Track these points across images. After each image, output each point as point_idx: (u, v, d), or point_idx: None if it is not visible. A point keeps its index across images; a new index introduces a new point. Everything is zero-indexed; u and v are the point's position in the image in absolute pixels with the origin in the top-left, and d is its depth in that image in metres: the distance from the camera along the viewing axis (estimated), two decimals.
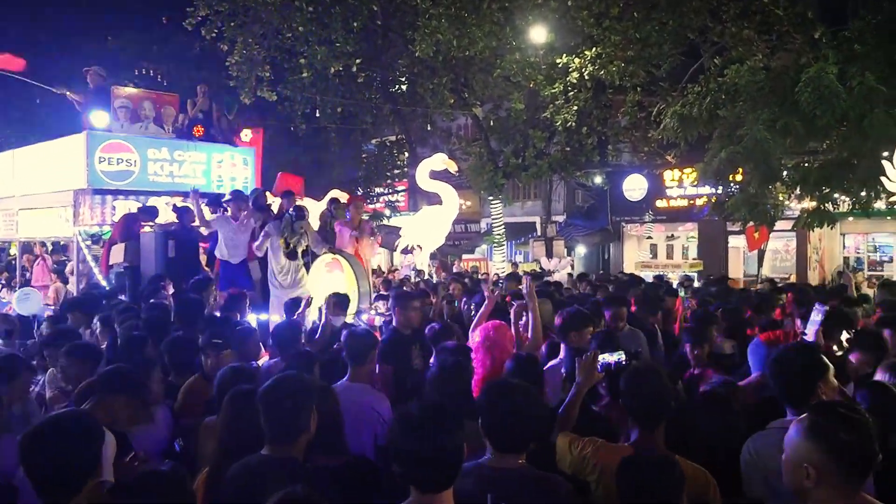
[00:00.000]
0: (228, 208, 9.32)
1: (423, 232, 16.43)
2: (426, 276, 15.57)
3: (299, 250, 8.61)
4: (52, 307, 9.94)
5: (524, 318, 5.18)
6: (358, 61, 17.40)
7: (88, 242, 10.41)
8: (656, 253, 23.52)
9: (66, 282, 11.61)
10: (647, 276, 14.57)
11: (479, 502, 2.36)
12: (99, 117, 10.33)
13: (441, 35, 15.20)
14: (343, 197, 11.50)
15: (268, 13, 16.85)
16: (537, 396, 2.67)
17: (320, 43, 16.45)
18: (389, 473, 2.29)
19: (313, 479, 2.61)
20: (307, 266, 8.82)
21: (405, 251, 17.11)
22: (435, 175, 16.02)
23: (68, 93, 11.16)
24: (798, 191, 11.99)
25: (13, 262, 12.88)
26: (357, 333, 4.45)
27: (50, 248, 12.69)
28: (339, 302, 6.23)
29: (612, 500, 2.59)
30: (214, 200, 9.84)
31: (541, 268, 18.19)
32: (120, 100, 10.88)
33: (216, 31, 16.80)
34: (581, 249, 23.92)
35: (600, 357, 3.42)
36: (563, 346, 4.66)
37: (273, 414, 2.73)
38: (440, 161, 15.74)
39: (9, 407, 4.00)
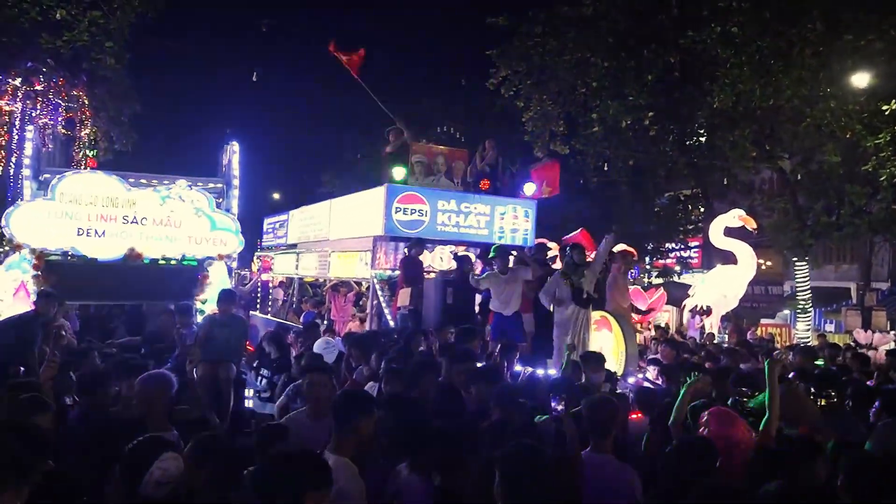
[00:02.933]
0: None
1: (714, 293, 15.43)
2: (716, 340, 14.46)
3: (585, 288, 8.21)
4: None
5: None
6: (650, 114, 17.00)
7: (383, 285, 11.39)
8: None
9: (362, 320, 12.78)
10: None
11: None
12: (398, 171, 11.32)
13: (743, 85, 14.33)
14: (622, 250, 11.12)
15: (564, 70, 17.36)
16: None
17: (612, 97, 16.41)
18: None
19: None
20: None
21: (693, 311, 16.17)
22: (730, 232, 15.03)
23: (399, 124, 12.49)
24: None
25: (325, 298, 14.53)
26: (596, 403, 4.09)
27: (355, 288, 14.07)
28: (594, 359, 6.03)
29: None
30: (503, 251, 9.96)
31: (854, 342, 15.93)
32: (417, 155, 11.92)
33: (514, 89, 17.81)
34: None
35: None
36: None
37: (509, 482, 2.69)
38: (736, 217, 14.80)
39: None
